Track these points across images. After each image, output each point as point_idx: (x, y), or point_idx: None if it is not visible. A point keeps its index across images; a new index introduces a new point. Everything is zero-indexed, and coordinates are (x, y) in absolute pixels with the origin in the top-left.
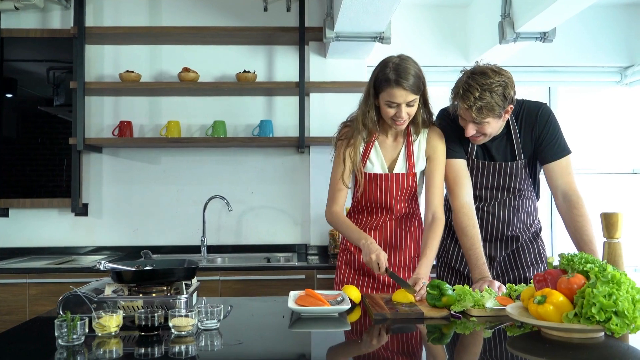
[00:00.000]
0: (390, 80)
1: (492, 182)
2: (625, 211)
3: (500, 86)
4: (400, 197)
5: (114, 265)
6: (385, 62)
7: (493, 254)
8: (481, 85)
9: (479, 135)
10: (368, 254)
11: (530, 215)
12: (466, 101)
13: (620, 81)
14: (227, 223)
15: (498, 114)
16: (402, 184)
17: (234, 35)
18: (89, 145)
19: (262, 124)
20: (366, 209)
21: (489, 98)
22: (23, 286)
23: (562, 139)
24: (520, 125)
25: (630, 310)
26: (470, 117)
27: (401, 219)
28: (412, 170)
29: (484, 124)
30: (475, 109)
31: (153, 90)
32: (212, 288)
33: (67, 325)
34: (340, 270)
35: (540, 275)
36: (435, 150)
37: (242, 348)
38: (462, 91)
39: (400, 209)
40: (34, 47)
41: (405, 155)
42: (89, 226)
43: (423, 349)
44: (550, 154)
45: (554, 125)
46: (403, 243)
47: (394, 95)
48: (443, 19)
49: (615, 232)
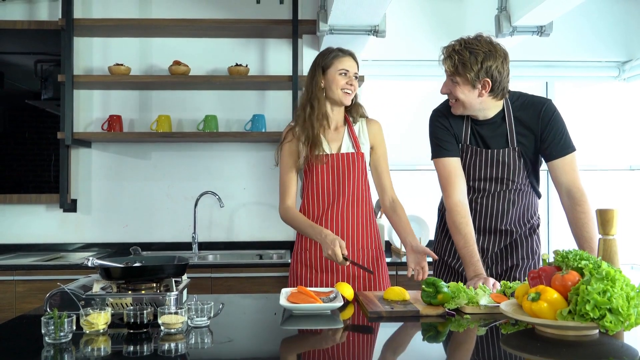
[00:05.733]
0: (339, 53)
1: (485, 172)
2: (621, 208)
3: (483, 53)
4: (352, 178)
5: (103, 261)
6: (328, 47)
7: (486, 246)
8: (465, 43)
9: (453, 99)
10: (326, 250)
11: (529, 211)
12: (447, 48)
13: (618, 76)
14: (218, 219)
15: (470, 80)
16: (353, 164)
17: (226, 28)
18: (77, 140)
19: (255, 118)
20: (317, 197)
21: (466, 56)
22: (10, 283)
23: (567, 136)
24: (519, 117)
25: (624, 308)
26: (446, 69)
27: (354, 206)
28: (360, 150)
29: (455, 85)
30: (450, 61)
31: (143, 84)
32: (204, 285)
33: (54, 322)
34: (295, 269)
35: (535, 272)
36: (376, 138)
37: (232, 346)
38: (449, 43)
39: (352, 192)
40: (21, 39)
41: (350, 137)
42: (78, 222)
43: (418, 346)
44: (555, 150)
45: (559, 122)
46: (359, 233)
47: (346, 63)
48: (438, 13)
49: (610, 228)
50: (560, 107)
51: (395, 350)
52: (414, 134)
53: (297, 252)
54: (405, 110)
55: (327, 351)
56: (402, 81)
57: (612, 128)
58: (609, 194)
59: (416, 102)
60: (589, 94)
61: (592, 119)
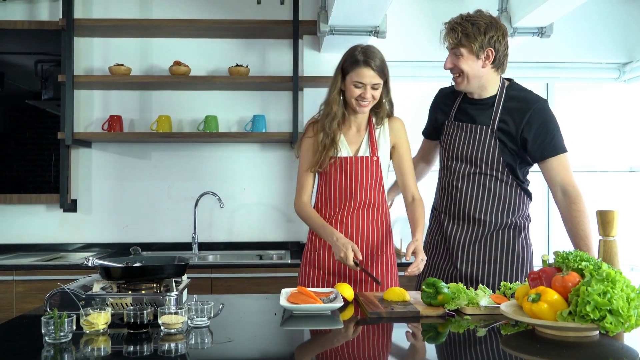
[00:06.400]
0: (359, 61)
1: (460, 151)
2: (621, 209)
3: (484, 24)
4: (365, 182)
5: (103, 261)
6: (354, 47)
7: (458, 235)
8: (467, 16)
9: (457, 72)
10: (338, 253)
11: (512, 206)
12: (450, 23)
13: (619, 78)
14: (218, 220)
15: (475, 51)
16: (367, 168)
17: (227, 29)
18: (77, 140)
19: (255, 119)
20: (330, 199)
21: (469, 28)
22: (10, 283)
23: (560, 137)
24: (507, 106)
25: (624, 309)
26: (449, 43)
27: (367, 210)
28: (376, 154)
29: (459, 57)
30: (453, 33)
31: (143, 84)
32: (204, 286)
33: (54, 322)
34: (304, 271)
35: (535, 273)
36: (397, 136)
37: (232, 346)
38: (450, 19)
39: (364, 196)
40: (22, 39)
41: (369, 141)
42: (78, 222)
43: (418, 347)
44: (547, 150)
45: (552, 121)
46: (368, 237)
47: (361, 75)
48: (439, 14)
49: (611, 230)
50: (560, 109)
51: (396, 351)
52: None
53: (307, 252)
54: (405, 111)
55: (327, 352)
56: (402, 82)
57: (612, 129)
58: (609, 195)
59: (416, 102)
60: (590, 96)
61: (593, 121)
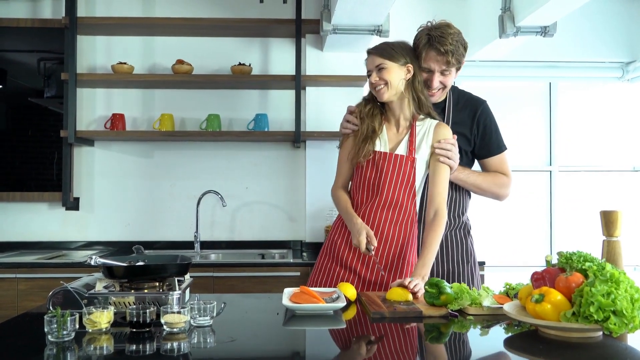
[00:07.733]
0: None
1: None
2: (625, 209)
3: (462, 38)
4: (395, 180)
5: (106, 260)
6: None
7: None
8: (450, 34)
9: (440, 87)
10: (355, 237)
11: (457, 207)
12: (443, 45)
13: (622, 77)
14: (221, 218)
15: (458, 66)
16: (400, 166)
17: (229, 27)
18: (80, 138)
19: (258, 117)
20: (358, 192)
21: (459, 46)
22: (12, 281)
23: (500, 136)
24: (457, 108)
25: (628, 310)
26: (441, 64)
27: (392, 210)
28: (412, 154)
29: (447, 74)
30: (450, 54)
31: (146, 83)
32: (206, 285)
33: (57, 321)
34: (322, 262)
35: (538, 274)
36: None
37: (235, 345)
38: (437, 37)
39: (391, 195)
40: (25, 37)
41: (408, 141)
42: (80, 221)
43: (421, 347)
44: (492, 148)
45: (493, 122)
46: (391, 238)
47: (367, 63)
48: (442, 13)
49: (614, 230)
50: (563, 108)
51: (398, 351)
52: None
53: (327, 243)
54: None
55: (330, 352)
56: None
57: (615, 129)
58: (612, 195)
59: None
60: (593, 95)
61: (596, 120)
